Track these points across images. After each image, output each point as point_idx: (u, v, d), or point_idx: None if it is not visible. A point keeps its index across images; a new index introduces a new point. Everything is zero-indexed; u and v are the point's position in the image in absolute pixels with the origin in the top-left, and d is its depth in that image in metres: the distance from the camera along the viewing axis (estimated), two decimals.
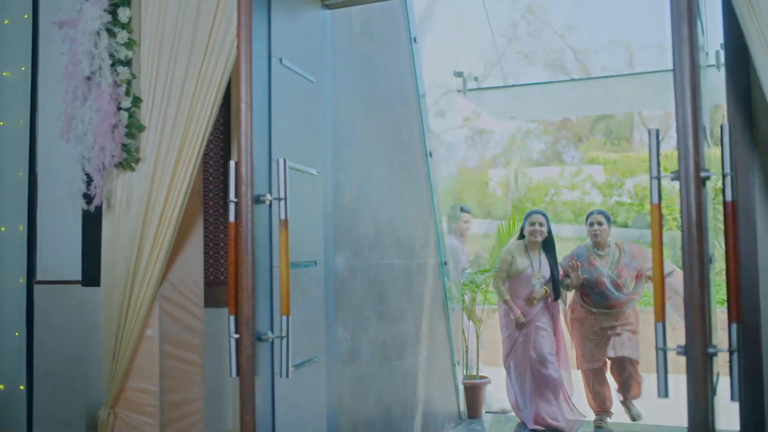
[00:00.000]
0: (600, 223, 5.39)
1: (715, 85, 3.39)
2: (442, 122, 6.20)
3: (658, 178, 2.05)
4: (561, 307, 5.62)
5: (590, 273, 5.32)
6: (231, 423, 3.48)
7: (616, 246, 5.40)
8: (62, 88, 2.85)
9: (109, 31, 2.81)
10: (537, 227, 5.41)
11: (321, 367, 3.30)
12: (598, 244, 5.39)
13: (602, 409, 5.48)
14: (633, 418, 5.38)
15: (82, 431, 3.28)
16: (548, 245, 5.48)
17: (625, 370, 5.33)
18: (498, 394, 6.22)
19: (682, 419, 1.94)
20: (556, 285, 5.43)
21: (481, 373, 6.14)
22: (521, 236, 5.55)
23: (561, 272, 5.50)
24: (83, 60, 2.77)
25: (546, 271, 5.41)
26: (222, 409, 3.49)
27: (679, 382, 1.96)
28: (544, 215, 5.51)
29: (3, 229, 3.76)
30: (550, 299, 5.45)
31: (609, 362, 5.41)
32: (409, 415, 4.82)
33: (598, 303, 5.30)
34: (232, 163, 2.53)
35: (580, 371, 5.56)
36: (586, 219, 5.53)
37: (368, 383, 4.25)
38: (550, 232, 5.48)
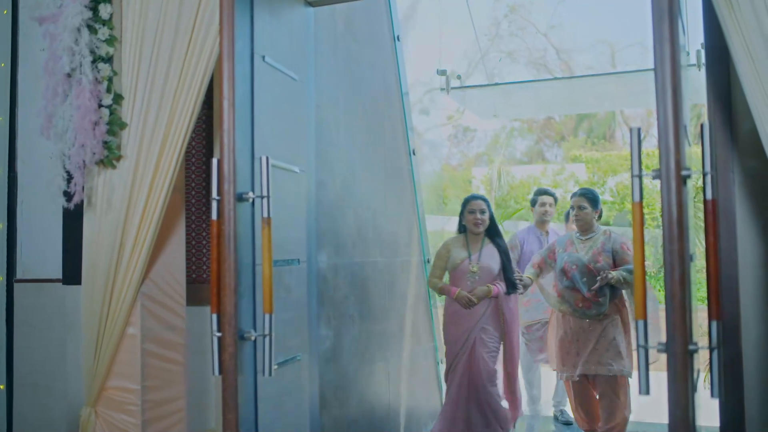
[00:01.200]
0: (581, 207, 4.61)
1: (696, 85, 3.42)
2: (426, 120, 6.23)
3: (640, 177, 2.06)
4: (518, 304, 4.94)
5: (561, 258, 4.64)
6: (214, 422, 3.47)
7: (604, 233, 4.63)
8: (42, 84, 2.82)
9: (89, 27, 2.78)
10: (478, 215, 4.62)
11: (304, 365, 3.29)
12: (580, 229, 4.66)
13: (590, 427, 4.68)
14: None
15: (63, 431, 3.26)
16: (493, 233, 4.69)
17: (605, 395, 4.49)
18: None
19: (663, 416, 1.96)
20: (507, 277, 4.62)
21: None
22: (462, 229, 4.76)
23: (540, 259, 4.87)
24: (64, 56, 2.74)
25: (490, 262, 4.61)
26: (204, 408, 3.48)
27: (660, 379, 1.98)
28: (485, 200, 4.73)
29: None
30: (501, 299, 4.63)
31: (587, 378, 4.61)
32: (393, 412, 4.82)
33: (566, 289, 4.57)
34: (214, 161, 2.52)
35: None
36: (570, 199, 4.81)
37: (351, 381, 4.25)
38: (492, 219, 4.74)
